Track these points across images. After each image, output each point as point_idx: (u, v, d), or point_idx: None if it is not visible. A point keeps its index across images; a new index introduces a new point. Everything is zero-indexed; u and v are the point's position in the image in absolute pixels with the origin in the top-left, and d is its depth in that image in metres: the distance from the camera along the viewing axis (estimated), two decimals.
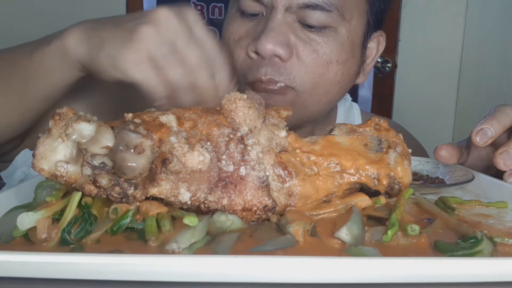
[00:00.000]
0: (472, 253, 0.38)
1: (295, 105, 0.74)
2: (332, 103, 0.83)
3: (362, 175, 0.46)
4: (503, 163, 0.61)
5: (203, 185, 0.43)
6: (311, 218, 0.44)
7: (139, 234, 0.41)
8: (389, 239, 0.40)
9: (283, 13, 0.71)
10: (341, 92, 0.80)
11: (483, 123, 0.64)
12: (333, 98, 0.81)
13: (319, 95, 0.76)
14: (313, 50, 0.73)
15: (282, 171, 0.44)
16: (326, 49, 0.73)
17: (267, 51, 0.70)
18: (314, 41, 0.73)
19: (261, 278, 0.34)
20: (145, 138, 0.39)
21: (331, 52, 0.74)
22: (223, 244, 0.38)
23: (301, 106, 0.76)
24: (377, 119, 0.50)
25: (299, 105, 0.75)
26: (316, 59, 0.73)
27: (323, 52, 0.73)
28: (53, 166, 0.39)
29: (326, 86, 0.76)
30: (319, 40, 0.73)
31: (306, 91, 0.74)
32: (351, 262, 0.34)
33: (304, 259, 0.34)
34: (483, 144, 0.64)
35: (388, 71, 2.42)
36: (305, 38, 0.73)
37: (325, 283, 0.34)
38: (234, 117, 0.45)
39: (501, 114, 0.65)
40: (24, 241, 0.39)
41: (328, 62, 0.74)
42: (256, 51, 0.71)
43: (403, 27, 2.39)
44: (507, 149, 0.61)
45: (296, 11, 0.71)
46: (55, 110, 0.40)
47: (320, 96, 0.77)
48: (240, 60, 0.74)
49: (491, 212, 0.52)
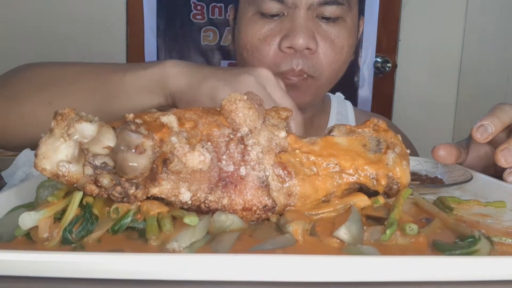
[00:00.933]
0: (469, 252, 0.38)
1: (311, 90, 0.88)
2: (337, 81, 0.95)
3: (361, 175, 0.47)
4: (504, 160, 0.62)
5: (203, 185, 0.43)
6: (310, 218, 0.44)
7: (140, 233, 0.41)
8: (387, 238, 0.40)
9: (305, 11, 0.83)
10: (344, 70, 0.93)
11: (483, 119, 0.65)
12: (339, 77, 0.93)
13: (332, 77, 0.90)
14: (331, 41, 0.86)
15: (282, 171, 0.45)
16: (340, 38, 0.86)
17: (302, 45, 0.81)
18: (331, 33, 0.85)
19: (260, 276, 0.34)
20: (146, 138, 0.39)
21: (344, 39, 0.87)
22: (223, 244, 0.39)
23: (316, 89, 0.89)
24: (375, 120, 0.51)
25: (314, 89, 0.88)
26: (334, 48, 0.86)
27: (338, 40, 0.86)
28: (55, 165, 0.39)
29: (339, 68, 0.89)
30: (334, 31, 0.86)
31: (323, 77, 0.87)
32: (349, 260, 0.35)
33: (303, 258, 0.34)
34: (483, 140, 0.64)
35: (388, 71, 2.43)
36: (324, 32, 0.85)
37: (324, 281, 0.35)
38: (234, 117, 0.45)
39: (501, 111, 0.65)
40: (26, 240, 0.40)
41: (341, 48, 0.87)
42: (290, 46, 0.82)
43: (403, 27, 2.39)
44: (508, 146, 0.62)
45: (316, 8, 0.83)
46: (57, 110, 0.40)
47: (332, 78, 0.90)
48: (271, 55, 0.85)
49: (489, 211, 0.52)
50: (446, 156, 0.68)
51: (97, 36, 2.35)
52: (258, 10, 0.85)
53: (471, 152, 0.72)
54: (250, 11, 0.87)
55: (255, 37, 0.85)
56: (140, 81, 0.70)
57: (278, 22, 0.84)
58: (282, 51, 0.84)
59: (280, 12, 0.84)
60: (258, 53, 0.86)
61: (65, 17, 2.32)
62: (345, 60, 0.90)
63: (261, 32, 0.85)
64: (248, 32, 0.86)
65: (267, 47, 0.85)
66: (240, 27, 0.90)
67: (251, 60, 0.88)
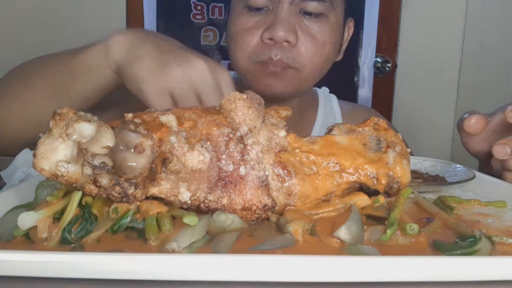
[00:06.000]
0: (470, 252, 0.38)
1: (294, 81, 0.92)
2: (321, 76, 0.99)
3: (361, 174, 0.47)
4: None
5: (203, 185, 0.43)
6: (310, 218, 0.44)
7: (139, 233, 0.41)
8: (388, 238, 0.40)
9: (288, 6, 0.88)
10: (328, 67, 0.98)
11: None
12: (323, 72, 0.97)
13: (315, 71, 0.94)
14: (313, 36, 0.90)
15: (282, 170, 0.45)
16: (322, 33, 0.91)
17: (281, 37, 0.86)
18: (313, 28, 0.90)
19: (260, 277, 0.34)
20: (145, 138, 0.39)
21: (326, 35, 0.91)
22: (223, 243, 0.39)
23: (298, 81, 0.93)
24: (376, 119, 0.50)
25: (297, 81, 0.92)
26: (315, 43, 0.90)
27: (319, 36, 0.91)
28: (53, 166, 0.39)
29: (321, 63, 0.94)
30: (316, 26, 0.90)
31: (306, 70, 0.91)
32: (350, 261, 0.35)
33: (303, 258, 0.34)
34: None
35: (388, 71, 2.42)
36: (306, 27, 0.89)
37: (324, 281, 0.34)
38: (233, 117, 0.45)
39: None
40: (25, 240, 0.40)
41: (323, 43, 0.92)
42: (271, 38, 0.87)
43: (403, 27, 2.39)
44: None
45: (299, 3, 0.88)
46: (55, 110, 0.40)
47: (316, 72, 0.95)
48: (253, 44, 0.90)
49: (490, 211, 0.52)
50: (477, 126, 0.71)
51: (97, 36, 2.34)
52: (247, 4, 0.91)
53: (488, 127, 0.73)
54: (240, 5, 0.93)
55: (241, 28, 0.91)
56: (88, 60, 0.71)
57: (263, 15, 0.90)
58: (264, 42, 0.89)
59: (265, 6, 0.90)
60: (242, 42, 0.91)
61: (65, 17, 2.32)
62: (328, 56, 0.94)
63: (247, 24, 0.91)
64: (236, 23, 0.92)
65: (250, 37, 0.90)
66: (230, 20, 0.96)
67: (234, 50, 0.93)
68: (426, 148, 2.20)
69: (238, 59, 0.93)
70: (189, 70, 0.63)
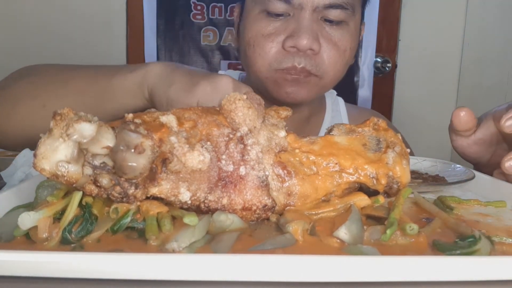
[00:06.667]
0: (470, 252, 0.38)
1: (315, 88, 0.91)
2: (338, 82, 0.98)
3: (361, 174, 0.47)
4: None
5: (203, 185, 0.43)
6: (310, 218, 0.44)
7: (139, 233, 0.41)
8: (387, 238, 0.40)
9: (311, 13, 0.86)
10: (345, 72, 0.96)
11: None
12: (341, 77, 0.96)
13: (335, 78, 0.93)
14: (334, 44, 0.89)
15: (282, 170, 0.45)
16: (343, 41, 0.90)
17: (305, 46, 0.84)
18: (334, 35, 0.89)
19: (260, 277, 0.34)
20: (146, 138, 0.39)
21: (346, 42, 0.90)
22: (223, 243, 0.39)
23: (319, 88, 0.93)
24: (375, 119, 0.51)
25: (318, 88, 0.92)
26: (337, 50, 0.89)
27: (341, 43, 0.89)
28: (54, 166, 0.39)
29: (342, 70, 0.93)
30: (337, 33, 0.89)
31: (328, 77, 0.91)
32: (350, 261, 0.35)
33: (303, 257, 0.34)
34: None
35: (388, 71, 2.42)
36: (328, 34, 0.88)
37: (324, 281, 0.35)
38: (233, 117, 0.45)
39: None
40: (25, 241, 0.40)
41: (344, 50, 0.90)
42: (294, 46, 0.85)
43: (403, 27, 2.39)
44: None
45: (321, 10, 0.86)
46: (56, 110, 0.40)
47: (336, 78, 0.94)
48: (274, 52, 0.88)
49: (489, 211, 0.52)
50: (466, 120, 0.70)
51: (97, 36, 2.35)
52: (265, 9, 0.87)
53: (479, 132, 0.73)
54: (256, 9, 0.89)
55: (259, 33, 0.88)
56: (125, 83, 0.72)
57: (283, 22, 0.87)
58: (285, 50, 0.87)
59: (285, 12, 0.87)
60: (260, 49, 0.88)
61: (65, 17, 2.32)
62: (347, 63, 0.94)
63: (266, 30, 0.88)
64: (253, 28, 0.89)
65: (270, 44, 0.87)
66: (245, 24, 0.92)
67: (252, 56, 0.90)
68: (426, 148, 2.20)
69: (258, 66, 0.90)
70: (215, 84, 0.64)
